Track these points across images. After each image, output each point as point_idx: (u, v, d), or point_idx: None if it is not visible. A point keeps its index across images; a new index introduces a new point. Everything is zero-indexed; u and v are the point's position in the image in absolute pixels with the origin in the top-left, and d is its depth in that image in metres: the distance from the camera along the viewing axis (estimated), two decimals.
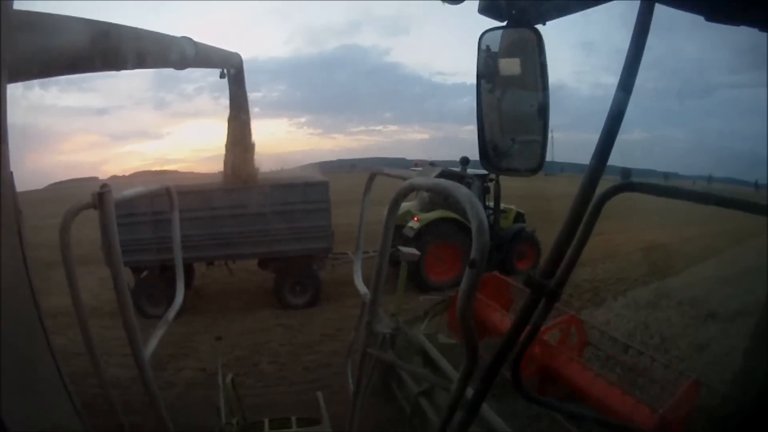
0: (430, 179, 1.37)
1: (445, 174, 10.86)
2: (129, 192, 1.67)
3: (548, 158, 1.42)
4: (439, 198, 10.85)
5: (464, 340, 1.18)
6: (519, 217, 12.35)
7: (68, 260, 1.41)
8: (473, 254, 1.05)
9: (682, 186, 1.29)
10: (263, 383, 6.55)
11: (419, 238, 10.24)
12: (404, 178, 1.43)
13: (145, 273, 9.55)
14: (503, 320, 6.36)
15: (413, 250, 4.03)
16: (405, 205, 10.48)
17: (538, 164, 1.40)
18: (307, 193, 9.69)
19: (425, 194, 10.69)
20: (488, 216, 10.67)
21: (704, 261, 12.97)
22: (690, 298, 9.21)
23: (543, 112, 1.36)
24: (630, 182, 1.16)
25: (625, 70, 0.93)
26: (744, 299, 8.50)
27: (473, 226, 1.06)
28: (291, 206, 9.54)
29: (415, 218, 10.68)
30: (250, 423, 4.11)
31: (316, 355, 7.56)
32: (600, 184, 1.02)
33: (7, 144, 1.13)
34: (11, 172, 1.17)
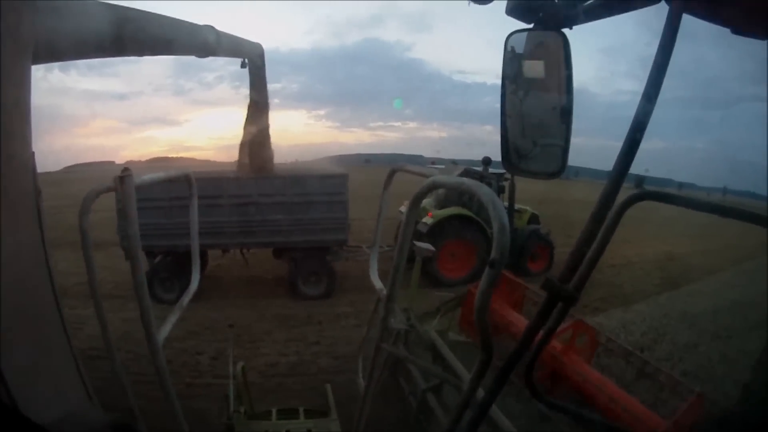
0: (453, 177, 1.36)
1: (467, 173, 10.84)
2: (149, 177, 1.66)
3: None
4: (454, 195, 10.83)
5: (479, 339, 1.18)
6: (533, 218, 12.30)
7: (86, 242, 1.42)
8: (493, 254, 1.04)
9: (698, 197, 1.28)
10: (100, 373, 6.16)
11: (433, 234, 10.24)
12: (425, 176, 1.41)
13: (158, 258, 9.67)
14: (514, 320, 6.34)
15: (428, 246, 4.01)
16: None
17: (559, 168, 1.39)
18: (326, 185, 9.71)
19: (440, 191, 10.65)
20: None
21: (693, 282, 12.20)
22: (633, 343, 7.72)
23: (566, 116, 1.35)
24: (651, 191, 1.15)
25: (651, 80, 0.92)
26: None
27: (494, 226, 1.05)
28: (310, 197, 9.58)
29: (429, 214, 10.67)
30: (258, 412, 4.14)
31: (169, 350, 7.04)
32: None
33: (30, 125, 1.14)
34: (33, 152, 1.18)
